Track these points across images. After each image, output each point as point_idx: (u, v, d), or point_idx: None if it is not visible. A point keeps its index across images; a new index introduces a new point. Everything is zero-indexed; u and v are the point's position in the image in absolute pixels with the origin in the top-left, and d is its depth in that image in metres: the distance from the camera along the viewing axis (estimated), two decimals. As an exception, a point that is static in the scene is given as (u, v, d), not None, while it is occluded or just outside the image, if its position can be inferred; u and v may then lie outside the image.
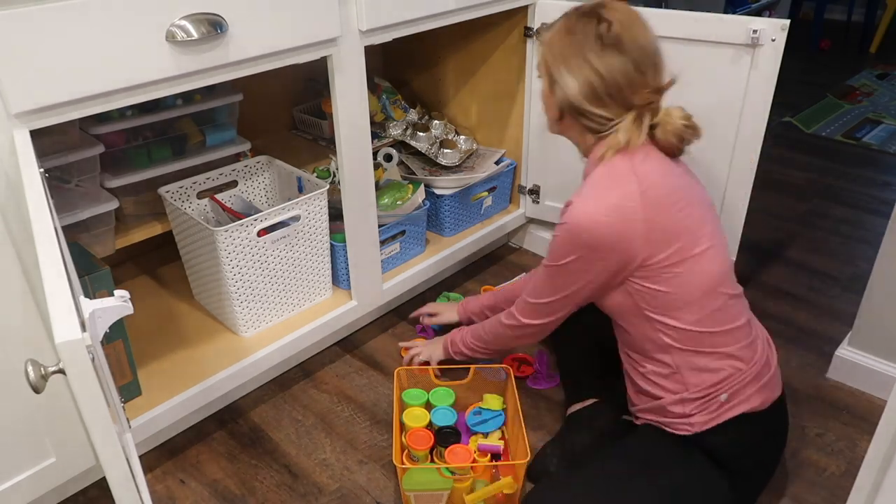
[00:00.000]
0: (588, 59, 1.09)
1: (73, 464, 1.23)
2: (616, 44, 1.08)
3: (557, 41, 1.12)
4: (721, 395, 1.12)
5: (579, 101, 1.11)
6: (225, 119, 1.61)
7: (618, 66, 1.08)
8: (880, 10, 4.01)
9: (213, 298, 1.55)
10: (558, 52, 1.12)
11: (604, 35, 1.08)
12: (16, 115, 0.98)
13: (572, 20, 1.12)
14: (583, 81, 1.09)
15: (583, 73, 1.09)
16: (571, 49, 1.10)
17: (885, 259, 1.40)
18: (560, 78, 1.12)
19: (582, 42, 1.09)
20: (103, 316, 0.70)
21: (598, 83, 1.09)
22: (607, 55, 1.08)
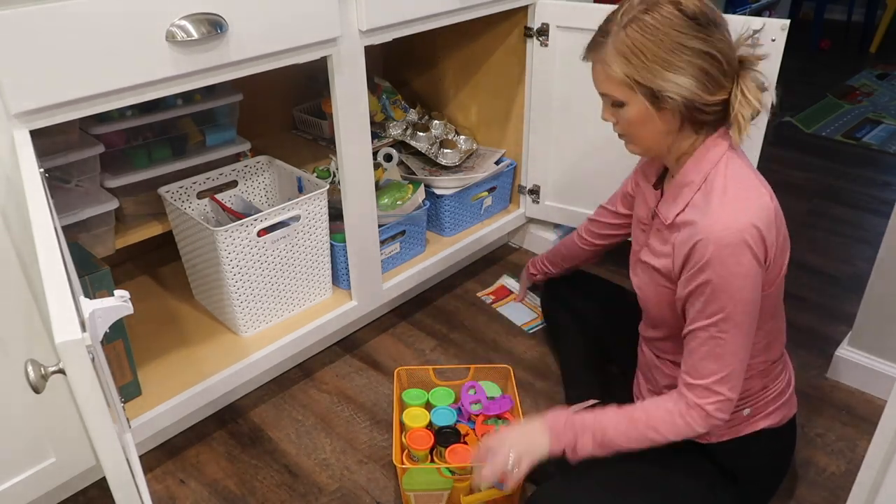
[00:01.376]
0: (691, 46, 0.95)
1: (73, 464, 1.23)
2: (707, 17, 0.96)
3: (640, 49, 0.96)
4: (745, 410, 1.12)
5: (699, 95, 0.97)
6: (225, 119, 1.61)
7: (719, 37, 0.97)
8: (880, 10, 4.00)
9: (213, 298, 1.55)
10: (651, 59, 0.96)
11: (692, 15, 0.96)
12: (16, 115, 0.98)
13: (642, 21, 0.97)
14: (697, 72, 0.96)
15: (693, 63, 0.96)
16: (665, 46, 0.96)
17: (885, 259, 1.40)
18: (668, 84, 0.97)
19: (673, 34, 0.95)
20: (103, 316, 0.70)
21: (712, 66, 0.97)
22: (707, 32, 0.96)
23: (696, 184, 1.03)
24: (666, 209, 1.08)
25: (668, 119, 1.01)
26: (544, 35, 1.72)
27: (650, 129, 1.02)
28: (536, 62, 1.77)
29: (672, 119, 1.00)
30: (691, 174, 1.04)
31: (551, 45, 1.72)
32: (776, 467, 1.20)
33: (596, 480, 1.11)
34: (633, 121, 1.02)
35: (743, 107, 0.99)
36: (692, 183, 1.03)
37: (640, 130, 1.03)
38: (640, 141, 1.06)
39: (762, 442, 1.14)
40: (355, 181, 1.48)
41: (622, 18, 0.98)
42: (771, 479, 1.21)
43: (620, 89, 1.00)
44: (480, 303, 1.86)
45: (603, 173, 1.81)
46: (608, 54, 0.99)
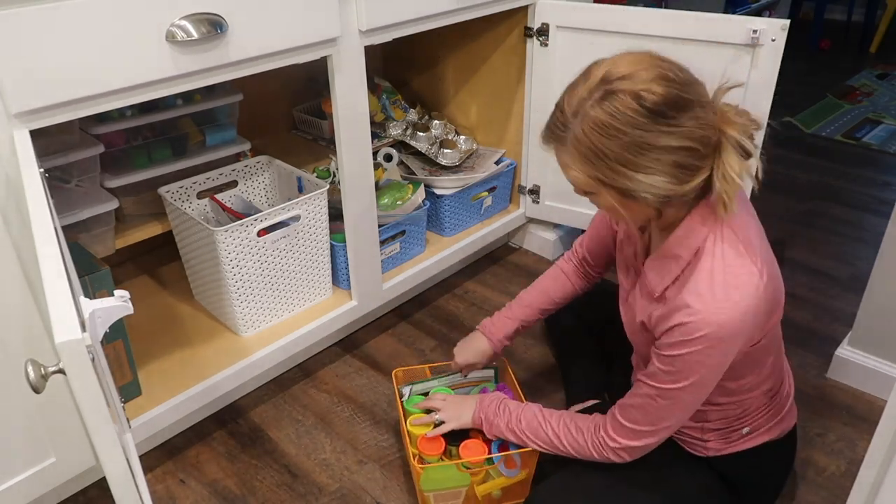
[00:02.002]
0: (659, 144, 0.87)
1: (73, 464, 1.23)
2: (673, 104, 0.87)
3: (603, 151, 0.88)
4: (744, 429, 1.12)
5: (675, 190, 0.90)
6: (225, 119, 1.61)
7: (690, 122, 0.87)
8: (880, 10, 4.01)
9: (213, 298, 1.55)
10: (617, 161, 0.88)
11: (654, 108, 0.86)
12: (16, 115, 0.98)
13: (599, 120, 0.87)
14: (668, 169, 0.88)
15: (663, 161, 0.88)
16: (631, 149, 0.87)
17: (885, 259, 1.40)
18: (638, 185, 0.89)
19: (637, 133, 0.86)
20: (103, 316, 0.70)
21: (686, 157, 0.88)
22: (675, 123, 0.87)
23: (685, 259, 0.97)
24: (653, 278, 1.02)
25: (642, 207, 0.95)
26: (544, 35, 1.72)
27: (629, 211, 0.96)
28: (536, 62, 1.77)
29: (647, 208, 0.95)
30: (678, 248, 0.98)
31: (551, 45, 1.72)
32: (776, 478, 1.21)
33: (594, 481, 1.11)
34: (609, 208, 0.96)
35: (726, 184, 0.90)
36: (679, 258, 0.98)
37: (619, 213, 0.97)
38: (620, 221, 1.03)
39: (762, 455, 1.14)
40: (355, 181, 1.48)
41: (578, 110, 0.89)
42: (770, 490, 1.21)
43: (588, 184, 0.93)
44: (480, 302, 1.86)
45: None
46: (569, 154, 0.92)
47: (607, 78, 0.88)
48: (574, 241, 1.40)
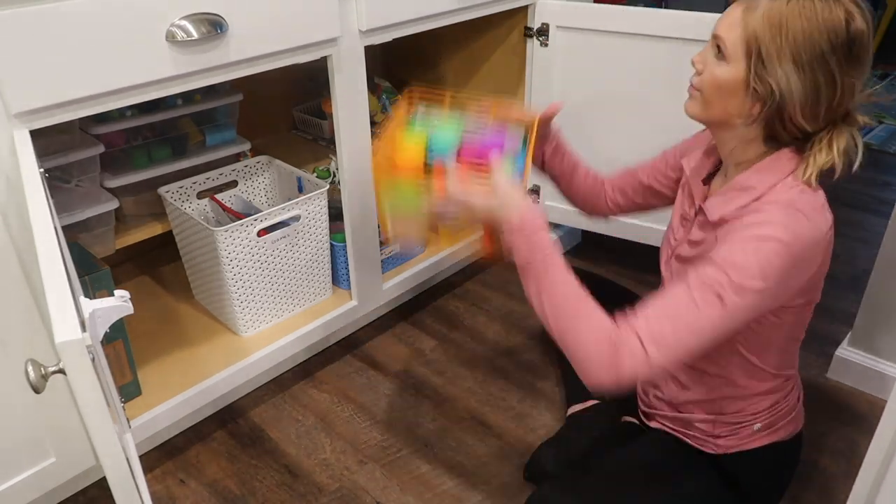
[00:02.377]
0: (828, 62, 0.87)
1: (73, 464, 1.23)
2: (860, 50, 0.90)
3: (788, 24, 0.87)
4: (755, 425, 1.11)
5: (793, 106, 0.89)
6: (225, 119, 1.61)
7: (853, 79, 0.90)
8: (880, 10, 4.00)
9: (213, 298, 1.55)
10: (788, 41, 0.87)
11: (853, 38, 0.89)
12: (16, 115, 0.98)
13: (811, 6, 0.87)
14: (811, 85, 0.88)
15: (815, 78, 0.88)
16: (809, 42, 0.87)
17: (885, 259, 1.40)
18: (780, 73, 0.88)
19: (825, 38, 0.87)
20: (103, 316, 0.70)
21: (826, 92, 0.88)
22: (850, 63, 0.89)
23: (758, 191, 0.94)
24: (714, 206, 0.99)
25: (750, 104, 0.91)
26: (544, 35, 1.72)
27: (728, 101, 0.93)
28: (536, 62, 1.77)
29: (752, 108, 0.91)
30: (753, 180, 0.95)
31: (551, 45, 1.72)
32: (780, 480, 1.20)
33: (602, 481, 1.11)
34: (720, 83, 0.92)
35: (820, 152, 0.92)
36: (752, 189, 0.95)
37: (716, 97, 0.93)
38: (708, 106, 0.95)
39: (768, 455, 1.14)
40: (355, 181, 1.48)
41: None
42: (774, 492, 1.20)
43: (739, 44, 0.90)
44: (480, 302, 1.86)
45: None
46: (759, 9, 0.89)
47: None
48: None
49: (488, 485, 1.34)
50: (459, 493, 1.33)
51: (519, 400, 1.54)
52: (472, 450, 1.42)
